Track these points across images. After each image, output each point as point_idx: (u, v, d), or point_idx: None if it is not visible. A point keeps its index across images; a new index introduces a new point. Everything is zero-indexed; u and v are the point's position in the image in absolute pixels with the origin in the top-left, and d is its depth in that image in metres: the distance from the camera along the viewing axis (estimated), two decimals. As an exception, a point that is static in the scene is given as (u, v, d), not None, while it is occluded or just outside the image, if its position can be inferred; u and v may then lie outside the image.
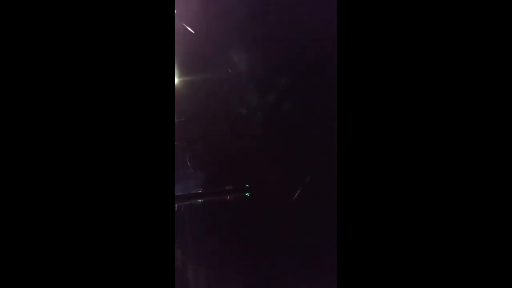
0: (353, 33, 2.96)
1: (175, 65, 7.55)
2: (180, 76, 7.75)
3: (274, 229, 7.87)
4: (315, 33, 7.97)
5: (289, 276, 8.05)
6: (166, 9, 3.02)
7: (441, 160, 2.77)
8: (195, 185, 7.96)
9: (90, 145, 2.75)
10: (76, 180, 2.70)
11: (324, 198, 7.73)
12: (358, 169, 2.90)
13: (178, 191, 7.81)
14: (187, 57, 7.66)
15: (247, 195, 7.60)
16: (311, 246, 7.93)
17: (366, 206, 2.85)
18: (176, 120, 7.64)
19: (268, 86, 8.79)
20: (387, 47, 2.88)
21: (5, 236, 2.59)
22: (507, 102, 2.67)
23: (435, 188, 2.76)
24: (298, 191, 7.91)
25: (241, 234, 7.71)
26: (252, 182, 8.02)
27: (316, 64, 8.12)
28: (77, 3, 2.76)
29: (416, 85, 2.84)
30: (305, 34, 8.17)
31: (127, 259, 2.75)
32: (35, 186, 2.64)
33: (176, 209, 7.42)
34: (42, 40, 2.71)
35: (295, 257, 7.96)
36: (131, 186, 2.80)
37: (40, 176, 2.67)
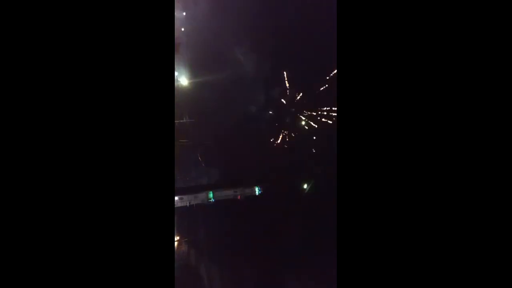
0: (353, 33, 2.96)
1: (185, 68, 7.64)
2: (189, 78, 7.84)
3: (281, 226, 7.85)
4: (318, 33, 7.94)
5: (289, 276, 8.02)
6: (166, 11, 2.95)
7: (439, 161, 2.77)
8: (207, 181, 8.03)
9: (92, 144, 2.80)
10: (77, 174, 2.75)
11: (326, 196, 7.69)
12: (358, 167, 2.91)
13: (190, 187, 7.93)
14: (196, 59, 7.72)
15: (257, 194, 7.64)
16: (314, 243, 7.91)
17: (365, 205, 2.86)
18: (187, 120, 7.76)
19: (275, 84, 8.78)
20: (387, 47, 2.88)
21: (7, 232, 2.64)
22: (503, 102, 2.66)
23: (432, 191, 2.76)
24: (310, 184, 7.91)
25: (250, 232, 7.73)
26: (261, 179, 8.05)
27: (318, 62, 8.09)
28: (80, 5, 2.80)
29: (415, 85, 2.83)
30: (309, 33, 8.14)
31: (129, 254, 2.80)
32: (44, 182, 2.71)
33: (188, 206, 7.50)
34: (46, 42, 2.74)
35: (298, 256, 7.93)
36: (132, 183, 2.84)
37: (44, 175, 2.73)
